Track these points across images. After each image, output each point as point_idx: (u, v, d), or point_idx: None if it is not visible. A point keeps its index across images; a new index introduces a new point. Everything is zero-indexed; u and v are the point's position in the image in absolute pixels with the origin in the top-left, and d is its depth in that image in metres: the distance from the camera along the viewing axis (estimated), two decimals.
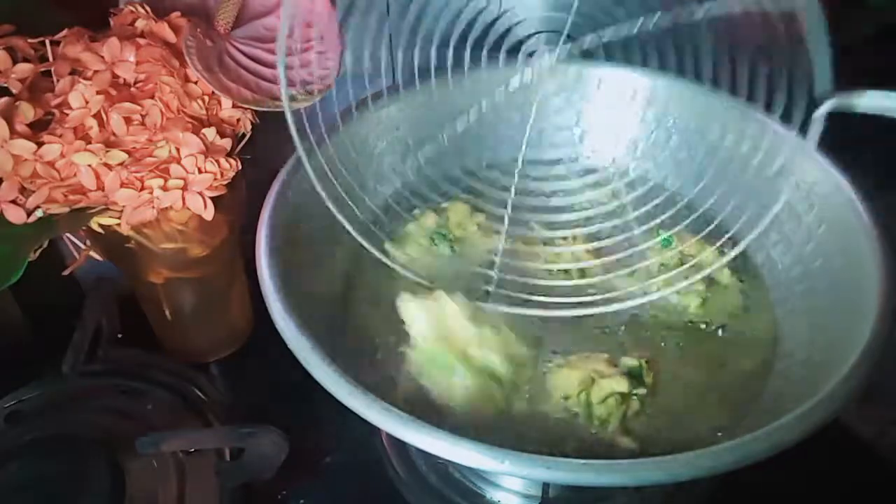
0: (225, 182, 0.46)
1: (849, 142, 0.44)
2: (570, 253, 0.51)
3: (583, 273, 0.51)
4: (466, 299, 0.46)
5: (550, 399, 0.44)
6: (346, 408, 0.36)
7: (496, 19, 0.51)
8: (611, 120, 0.58)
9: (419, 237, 0.53)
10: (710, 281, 0.50)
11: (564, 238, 0.52)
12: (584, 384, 0.43)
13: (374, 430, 0.54)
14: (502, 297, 0.48)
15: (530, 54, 0.50)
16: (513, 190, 0.51)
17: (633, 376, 0.44)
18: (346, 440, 0.55)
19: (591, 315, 0.47)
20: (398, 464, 0.53)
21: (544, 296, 0.47)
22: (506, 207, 0.51)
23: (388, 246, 0.52)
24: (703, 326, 0.48)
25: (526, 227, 0.51)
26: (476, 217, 0.54)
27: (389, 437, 0.52)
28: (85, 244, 0.50)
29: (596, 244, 0.50)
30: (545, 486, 0.46)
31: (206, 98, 0.46)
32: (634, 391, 0.43)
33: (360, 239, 0.48)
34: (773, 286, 0.50)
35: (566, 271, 0.51)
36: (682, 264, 0.50)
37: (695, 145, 0.55)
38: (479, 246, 0.53)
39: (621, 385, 0.43)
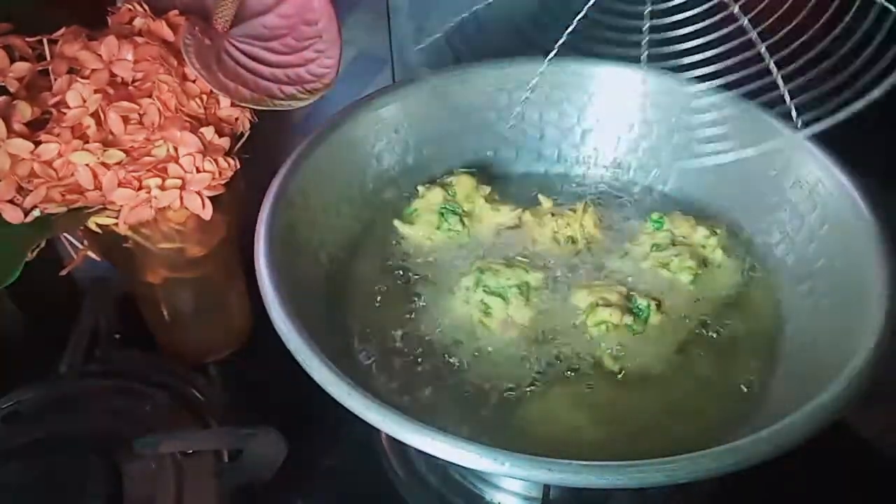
0: (223, 181, 0.46)
1: (851, 139, 0.43)
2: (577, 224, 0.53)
3: (589, 244, 0.53)
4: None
5: (566, 307, 0.48)
6: (345, 408, 0.36)
7: None
8: (613, 119, 0.57)
9: (427, 214, 0.53)
10: (702, 260, 0.50)
11: (573, 210, 0.54)
12: (591, 307, 0.47)
13: (373, 431, 0.54)
14: None
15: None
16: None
17: (636, 314, 0.47)
18: (346, 441, 0.55)
19: None
20: (397, 465, 0.53)
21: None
22: None
23: (396, 223, 0.53)
24: (704, 330, 0.48)
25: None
26: (482, 189, 0.54)
27: (389, 437, 0.52)
28: (82, 244, 0.49)
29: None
30: (546, 487, 0.46)
31: (205, 97, 0.46)
32: (628, 324, 0.46)
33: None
34: (775, 286, 0.50)
35: (573, 240, 0.53)
36: (674, 244, 0.51)
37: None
38: (489, 219, 0.53)
39: (615, 317, 0.46)
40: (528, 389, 0.44)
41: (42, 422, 0.51)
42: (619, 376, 0.45)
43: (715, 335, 0.47)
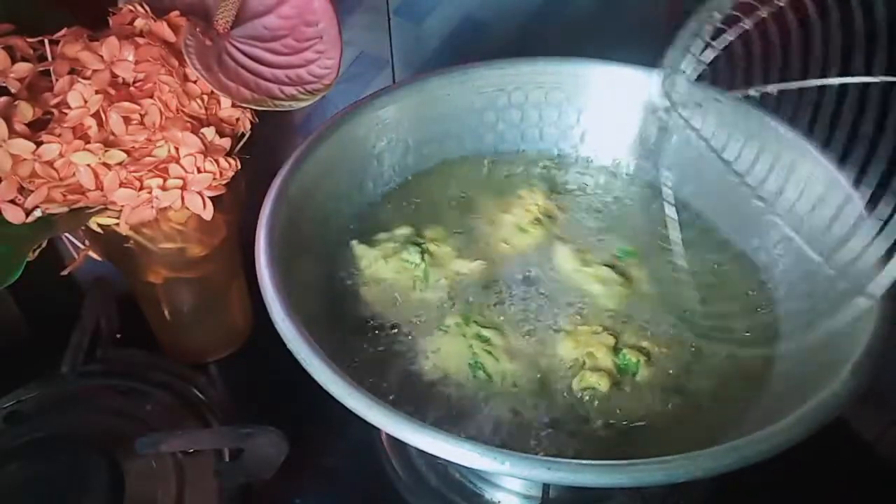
0: (224, 182, 0.46)
1: (849, 139, 0.43)
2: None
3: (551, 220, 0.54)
4: None
5: (554, 357, 0.46)
6: (345, 408, 0.36)
7: None
8: (612, 120, 0.58)
9: (389, 242, 0.51)
10: (625, 278, 0.50)
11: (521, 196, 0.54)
12: (576, 365, 0.45)
13: (373, 431, 0.54)
14: None
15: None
16: None
17: (624, 372, 0.45)
18: (346, 440, 0.55)
19: None
20: (398, 464, 0.53)
21: None
22: None
23: (354, 244, 0.50)
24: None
25: None
26: (454, 240, 0.52)
27: (389, 437, 0.52)
28: (84, 244, 0.49)
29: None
30: (545, 486, 0.46)
31: (206, 97, 0.46)
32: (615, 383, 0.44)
33: None
34: (773, 287, 0.50)
35: (539, 221, 0.53)
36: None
37: (696, 145, 0.55)
38: (449, 264, 0.51)
39: (603, 384, 0.44)
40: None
41: (43, 421, 0.51)
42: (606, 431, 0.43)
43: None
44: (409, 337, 0.47)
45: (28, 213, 0.41)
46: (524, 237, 0.53)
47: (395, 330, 0.47)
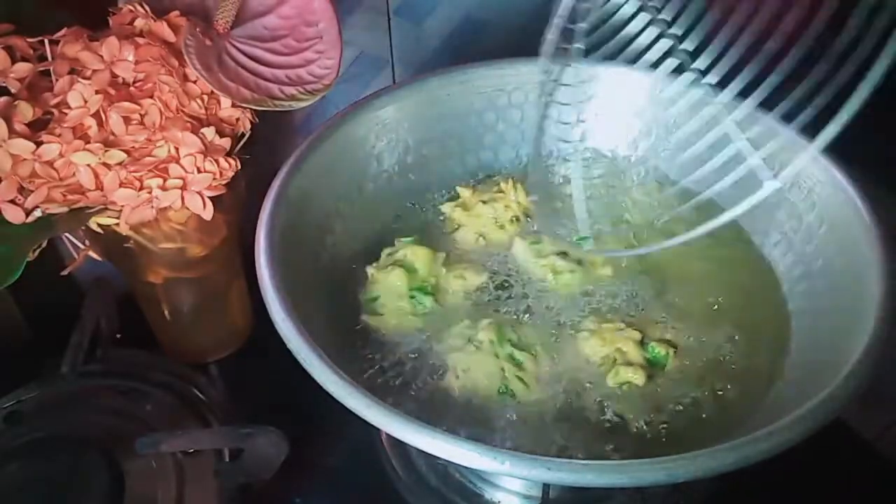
0: (224, 182, 0.46)
1: (849, 138, 0.43)
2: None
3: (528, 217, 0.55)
4: None
5: (577, 358, 0.46)
6: (345, 408, 0.36)
7: None
8: (612, 118, 0.58)
9: (395, 300, 0.49)
10: (578, 261, 0.51)
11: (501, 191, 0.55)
12: (606, 362, 0.45)
13: (373, 431, 0.54)
14: None
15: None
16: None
17: (654, 364, 0.45)
18: (346, 440, 0.55)
19: None
20: (398, 464, 0.53)
21: None
22: None
23: (365, 318, 0.49)
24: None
25: None
26: (438, 257, 0.51)
27: (389, 437, 0.52)
28: (84, 244, 0.49)
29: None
30: (545, 486, 0.46)
31: (206, 97, 0.46)
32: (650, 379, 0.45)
33: None
34: (773, 287, 0.50)
35: (517, 219, 0.55)
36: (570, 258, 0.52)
37: (695, 143, 0.55)
38: (457, 289, 0.50)
39: (639, 378, 0.44)
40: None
41: (43, 421, 0.51)
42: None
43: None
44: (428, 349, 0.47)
45: (28, 213, 0.41)
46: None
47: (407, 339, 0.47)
